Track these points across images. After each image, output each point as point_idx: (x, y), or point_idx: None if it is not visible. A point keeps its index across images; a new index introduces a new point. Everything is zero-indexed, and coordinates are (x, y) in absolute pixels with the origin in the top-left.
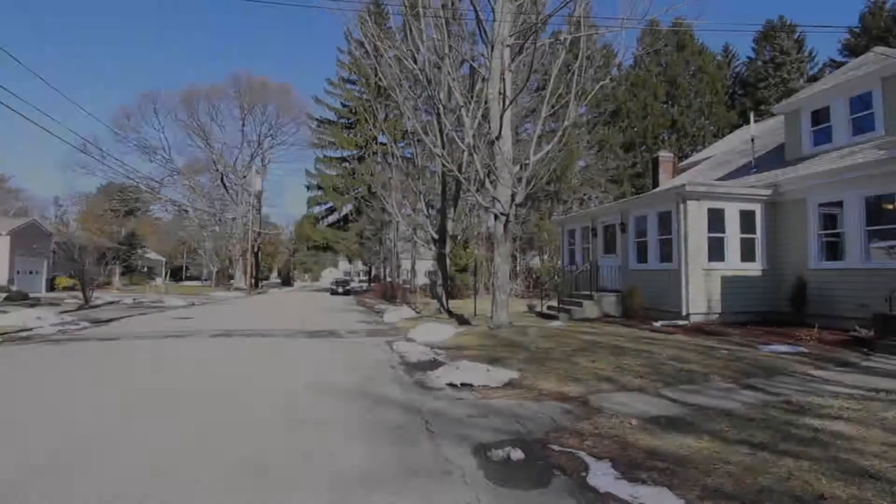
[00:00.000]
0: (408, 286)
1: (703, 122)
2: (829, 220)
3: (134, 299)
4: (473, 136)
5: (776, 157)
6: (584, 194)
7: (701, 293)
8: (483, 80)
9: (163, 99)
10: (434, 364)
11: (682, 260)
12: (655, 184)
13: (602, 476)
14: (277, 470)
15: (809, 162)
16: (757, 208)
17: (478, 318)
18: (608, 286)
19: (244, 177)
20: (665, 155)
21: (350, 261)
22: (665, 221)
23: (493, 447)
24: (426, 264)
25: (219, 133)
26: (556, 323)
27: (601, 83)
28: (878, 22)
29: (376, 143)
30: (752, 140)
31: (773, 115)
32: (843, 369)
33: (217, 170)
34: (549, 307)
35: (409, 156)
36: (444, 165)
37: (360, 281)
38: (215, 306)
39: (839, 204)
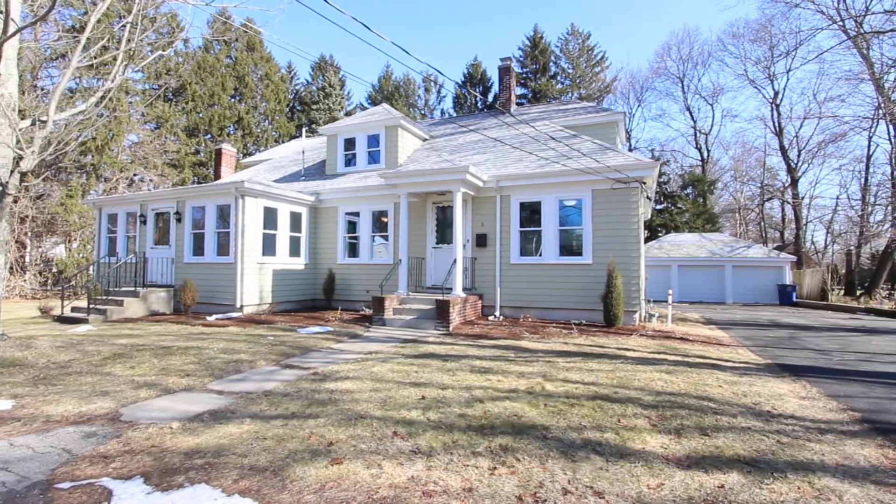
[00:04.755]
0: None
1: (266, 125)
2: (352, 226)
3: None
4: None
5: (320, 170)
6: (136, 174)
7: (254, 285)
8: None
9: None
10: None
11: (238, 253)
12: (218, 175)
13: (130, 497)
14: None
15: (342, 178)
16: (304, 211)
17: None
18: (159, 281)
19: None
20: (229, 148)
21: None
22: (224, 215)
23: None
24: None
25: None
26: (84, 328)
27: (162, 52)
28: (387, 85)
29: None
30: (304, 152)
31: (320, 134)
32: (354, 340)
33: None
34: (76, 309)
35: None
36: None
37: None
38: None
39: (358, 214)
